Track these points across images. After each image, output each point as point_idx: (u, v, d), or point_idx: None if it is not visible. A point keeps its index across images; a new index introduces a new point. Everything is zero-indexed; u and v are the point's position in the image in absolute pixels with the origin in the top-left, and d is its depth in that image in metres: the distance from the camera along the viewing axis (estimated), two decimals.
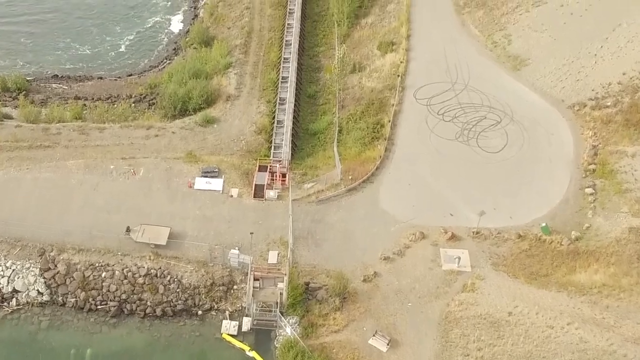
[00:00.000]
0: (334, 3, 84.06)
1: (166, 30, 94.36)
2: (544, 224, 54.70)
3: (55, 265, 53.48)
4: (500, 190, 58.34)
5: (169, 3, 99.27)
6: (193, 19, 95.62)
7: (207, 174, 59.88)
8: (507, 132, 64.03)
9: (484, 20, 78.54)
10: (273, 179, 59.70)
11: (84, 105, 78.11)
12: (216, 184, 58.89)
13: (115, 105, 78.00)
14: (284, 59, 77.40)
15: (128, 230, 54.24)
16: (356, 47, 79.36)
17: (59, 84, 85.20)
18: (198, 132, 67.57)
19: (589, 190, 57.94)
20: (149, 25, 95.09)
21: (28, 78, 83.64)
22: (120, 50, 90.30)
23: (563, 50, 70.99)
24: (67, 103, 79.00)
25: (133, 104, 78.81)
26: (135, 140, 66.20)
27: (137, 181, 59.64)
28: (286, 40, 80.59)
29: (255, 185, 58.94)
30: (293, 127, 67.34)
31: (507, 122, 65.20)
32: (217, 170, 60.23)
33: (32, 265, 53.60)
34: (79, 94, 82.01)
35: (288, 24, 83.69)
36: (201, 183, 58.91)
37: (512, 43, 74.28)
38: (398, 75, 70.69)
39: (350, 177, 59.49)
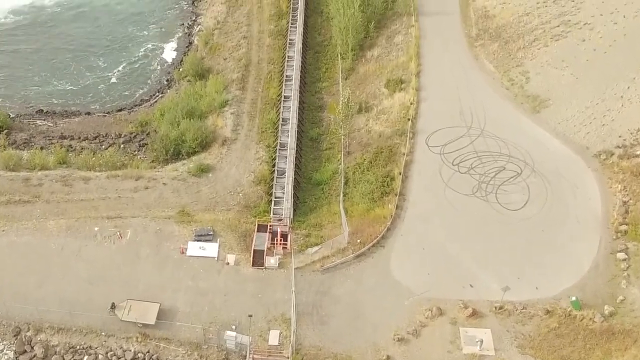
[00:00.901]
0: (337, 33, 78.66)
1: (159, 59, 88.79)
2: (574, 298, 49.32)
3: (32, 348, 48.14)
4: (523, 255, 52.94)
5: (162, 29, 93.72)
6: (187, 46, 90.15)
7: (200, 237, 54.47)
8: (528, 185, 58.61)
9: (498, 54, 73.12)
10: (273, 243, 54.25)
11: (70, 147, 72.87)
12: (211, 249, 53.47)
13: (103, 147, 72.94)
14: (285, 97, 71.99)
15: (113, 307, 48.84)
16: (362, 83, 73.96)
17: (44, 120, 79.79)
18: (191, 184, 62.14)
19: (621, 256, 52.57)
20: (142, 53, 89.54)
21: (11, 114, 78.44)
22: (111, 82, 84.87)
23: (586, 90, 65.62)
24: (51, 143, 73.94)
25: (122, 145, 73.65)
26: (123, 192, 60.79)
27: (123, 245, 54.21)
28: (287, 75, 75.16)
29: (254, 251, 53.51)
30: (295, 177, 61.93)
31: (528, 173, 59.78)
32: (211, 233, 54.80)
33: (6, 347, 48.21)
34: (65, 132, 76.70)
35: (289, 57, 78.25)
36: (194, 249, 53.49)
37: (530, 81, 68.87)
38: (408, 119, 65.31)
39: (358, 240, 54.09)
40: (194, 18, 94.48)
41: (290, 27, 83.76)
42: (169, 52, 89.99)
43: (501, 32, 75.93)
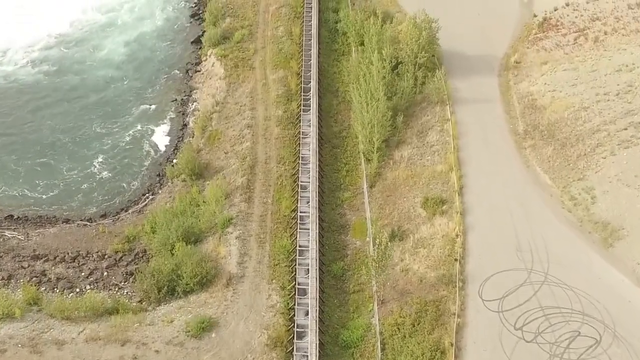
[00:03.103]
0: (359, 128, 66.65)
1: (149, 147, 76.26)
2: None
3: None
4: None
5: (152, 106, 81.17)
6: (181, 129, 77.82)
7: None
8: None
9: (554, 162, 61.38)
10: None
11: (43, 275, 61.11)
12: None
13: (83, 274, 61.27)
14: (300, 214, 60.09)
15: None
16: (391, 194, 61.98)
17: (14, 230, 67.47)
18: (190, 350, 50.14)
19: None
20: (128, 138, 77.00)
21: None
22: (93, 176, 72.29)
23: None
24: (22, 267, 62.13)
25: (106, 271, 61.77)
26: None
27: None
28: (301, 184, 63.17)
29: None
30: (318, 337, 50.07)
31: (609, 340, 48.08)
32: None
33: None
34: (39, 249, 64.85)
35: (302, 157, 66.20)
36: None
37: (596, 202, 57.20)
38: (455, 259, 53.49)
39: None
40: (188, 93, 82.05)
41: (303, 114, 71.65)
42: (161, 137, 77.53)
43: (555, 130, 64.14)
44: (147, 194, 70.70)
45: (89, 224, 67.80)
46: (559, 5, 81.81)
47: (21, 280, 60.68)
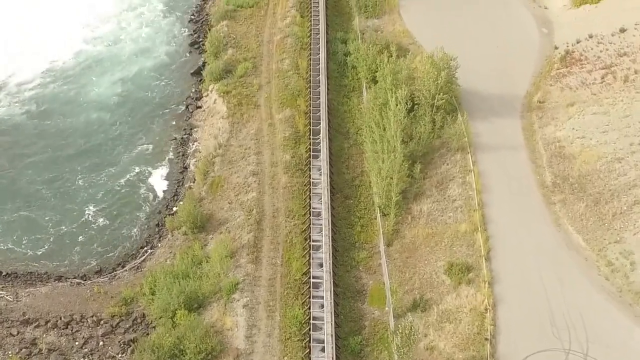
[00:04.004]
0: (373, 179, 61.91)
1: (146, 192, 71.11)
2: None
3: None
4: None
5: (150, 145, 75.91)
6: (181, 172, 72.72)
7: None
8: None
9: (587, 219, 56.71)
10: None
11: (33, 345, 56.44)
12: None
13: (77, 343, 56.50)
14: (313, 279, 55.35)
15: None
16: (411, 256, 57.22)
17: (2, 288, 62.51)
18: None
19: None
20: (123, 182, 71.83)
21: None
22: (87, 225, 67.24)
23: None
24: (10, 334, 57.40)
25: (102, 340, 56.96)
26: None
27: None
28: (314, 243, 58.37)
29: None
30: None
31: None
32: None
33: None
34: (29, 313, 60.05)
35: (314, 210, 61.42)
36: None
37: (636, 268, 52.62)
38: (486, 339, 48.76)
39: None
40: (188, 131, 76.93)
41: (312, 160, 66.80)
42: (159, 181, 72.41)
43: (586, 184, 59.43)
44: (145, 247, 65.70)
45: (83, 282, 62.84)
46: (581, 37, 77.08)
47: (9, 352, 55.84)
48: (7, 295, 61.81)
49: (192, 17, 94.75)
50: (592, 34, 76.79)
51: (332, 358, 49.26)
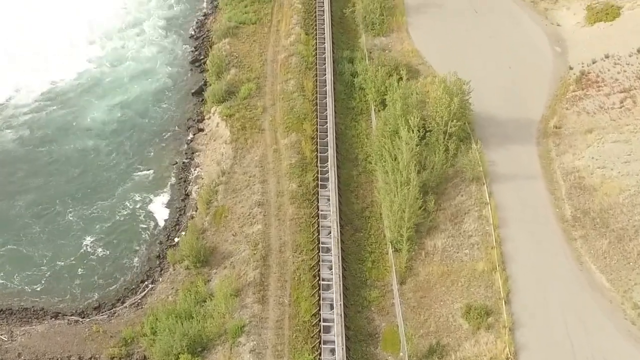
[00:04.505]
0: (385, 211, 59.28)
1: (147, 221, 68.19)
2: None
3: None
4: None
5: (151, 171, 72.89)
6: (183, 200, 69.87)
7: None
8: None
9: (611, 257, 54.04)
10: None
11: None
12: None
13: None
14: (324, 322, 52.61)
15: None
16: (426, 295, 54.52)
17: None
18: None
19: None
20: (125, 211, 68.85)
21: None
22: (86, 257, 64.33)
23: None
24: None
25: None
26: None
27: None
28: (323, 282, 55.63)
29: None
30: None
31: None
32: None
33: None
34: (25, 354, 57.18)
35: (323, 246, 58.69)
36: None
37: None
38: None
39: None
40: (190, 155, 74.07)
41: (320, 189, 64.03)
42: (160, 209, 69.55)
43: (608, 218, 56.74)
44: (146, 282, 62.90)
45: (81, 320, 60.08)
46: (597, 57, 74.39)
47: None
48: (1, 335, 59.05)
49: (193, 33, 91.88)
50: (609, 53, 74.11)
51: None
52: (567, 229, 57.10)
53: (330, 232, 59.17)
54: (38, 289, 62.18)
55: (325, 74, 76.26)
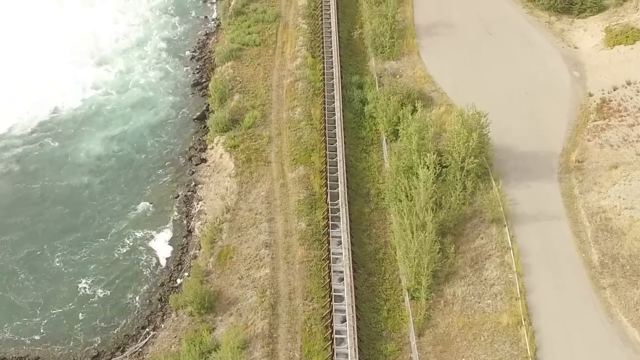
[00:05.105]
0: (400, 256, 55.97)
1: (148, 258, 64.65)
2: None
3: None
4: None
5: (152, 205, 69.35)
6: (185, 237, 66.46)
7: None
8: None
9: None
10: None
11: None
12: None
13: None
14: None
15: None
16: (446, 350, 51.21)
17: None
18: None
19: None
20: (125, 249, 65.32)
21: None
22: (83, 300, 60.91)
23: None
24: None
25: None
26: None
27: None
28: (336, 335, 52.28)
29: None
30: None
31: None
32: None
33: None
34: None
35: (336, 294, 55.28)
36: None
37: None
38: None
39: None
40: (192, 188, 70.58)
41: (331, 229, 60.65)
42: (162, 246, 66.09)
43: (639, 265, 53.38)
44: (147, 328, 59.50)
45: None
46: (618, 83, 71.15)
47: None
48: None
49: (194, 54, 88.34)
50: (630, 80, 70.94)
51: None
52: (595, 277, 53.79)
53: (343, 279, 55.76)
54: (37, 337, 58.62)
55: (334, 101, 72.83)
